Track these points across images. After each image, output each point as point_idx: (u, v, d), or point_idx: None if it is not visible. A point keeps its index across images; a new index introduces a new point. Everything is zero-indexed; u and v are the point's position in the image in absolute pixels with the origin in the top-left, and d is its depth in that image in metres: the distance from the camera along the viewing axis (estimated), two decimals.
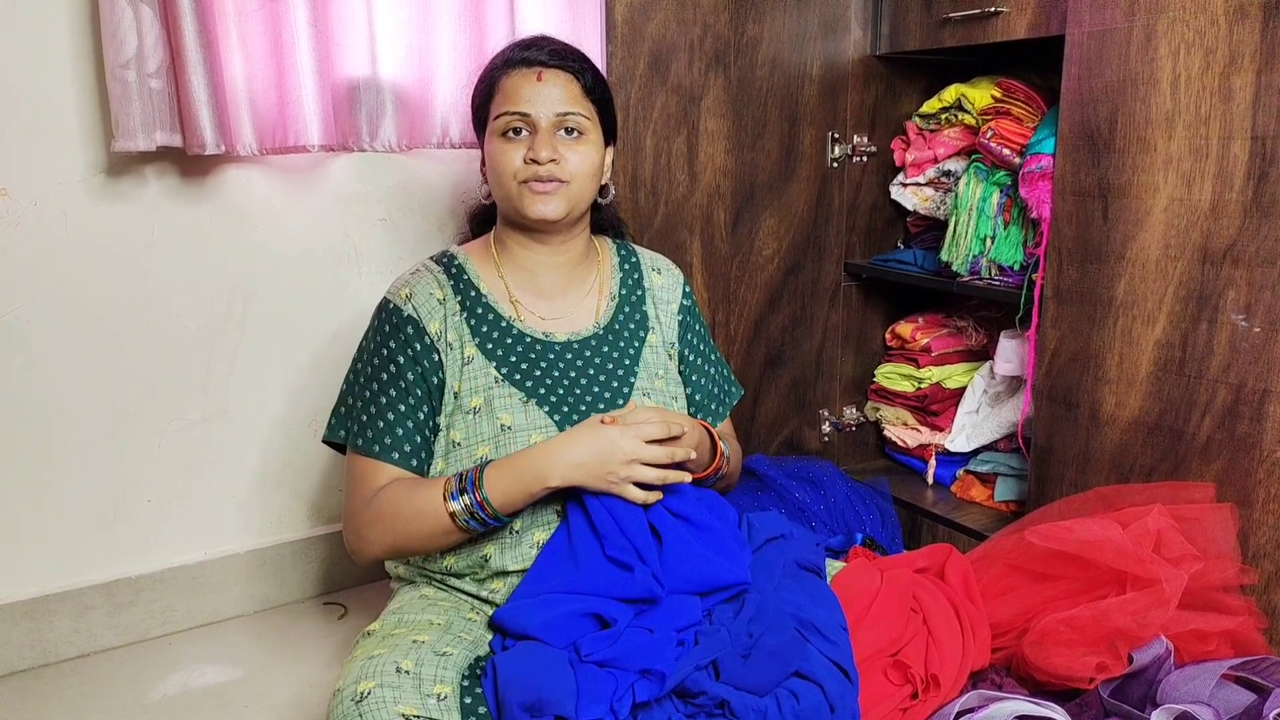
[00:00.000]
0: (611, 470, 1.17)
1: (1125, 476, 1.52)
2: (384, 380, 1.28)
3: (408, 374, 1.27)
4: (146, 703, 1.56)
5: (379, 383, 1.28)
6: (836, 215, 2.00)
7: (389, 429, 1.26)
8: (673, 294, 1.45)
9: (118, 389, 1.67)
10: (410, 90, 1.75)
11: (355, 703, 1.06)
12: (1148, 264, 1.46)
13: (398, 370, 1.27)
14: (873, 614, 1.29)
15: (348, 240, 1.82)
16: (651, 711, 1.08)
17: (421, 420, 1.27)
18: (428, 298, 1.30)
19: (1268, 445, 1.35)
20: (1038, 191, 1.62)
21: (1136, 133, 1.45)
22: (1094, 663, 1.23)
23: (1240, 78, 1.33)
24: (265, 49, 1.61)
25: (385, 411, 1.27)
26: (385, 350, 1.28)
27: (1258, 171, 1.33)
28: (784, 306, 1.98)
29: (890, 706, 1.21)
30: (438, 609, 1.26)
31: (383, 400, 1.27)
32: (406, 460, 1.26)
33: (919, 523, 1.88)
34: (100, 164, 1.59)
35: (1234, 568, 1.32)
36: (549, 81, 1.28)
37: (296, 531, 1.88)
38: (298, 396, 1.83)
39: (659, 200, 1.78)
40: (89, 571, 1.70)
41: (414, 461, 1.27)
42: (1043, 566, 1.36)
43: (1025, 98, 1.73)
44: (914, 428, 2.05)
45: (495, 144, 1.29)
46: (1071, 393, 1.58)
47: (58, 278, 1.59)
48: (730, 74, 1.80)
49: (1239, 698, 1.18)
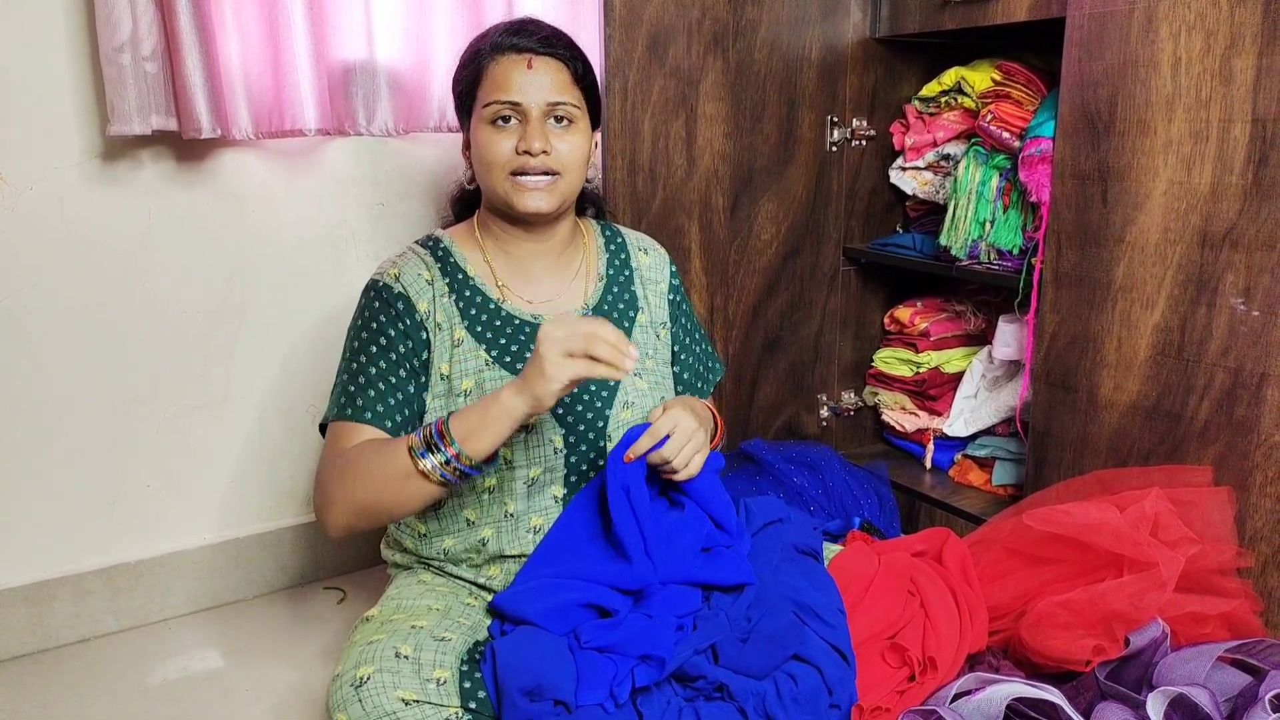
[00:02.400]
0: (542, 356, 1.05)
1: (1123, 460, 1.52)
2: (373, 352, 1.25)
3: (399, 346, 1.25)
4: (146, 687, 1.56)
5: (368, 354, 1.25)
6: (835, 199, 2.00)
7: (379, 397, 1.23)
8: (660, 274, 1.44)
9: (116, 375, 1.66)
10: (407, 74, 1.74)
11: (354, 688, 1.07)
12: (1147, 248, 1.45)
13: (389, 342, 1.25)
14: (870, 597, 1.30)
15: (345, 224, 1.81)
16: (650, 695, 1.09)
17: (413, 393, 1.25)
18: (416, 277, 1.28)
19: (1265, 429, 1.35)
20: (1037, 175, 1.61)
21: (1137, 115, 1.44)
22: (1091, 645, 1.23)
23: (1241, 60, 1.32)
24: (261, 32, 1.60)
25: (375, 381, 1.23)
26: (376, 324, 1.26)
27: (1258, 155, 1.32)
28: (782, 291, 1.97)
29: (888, 689, 1.21)
30: (436, 594, 1.26)
31: (372, 370, 1.24)
32: (380, 421, 1.22)
33: (917, 507, 1.88)
34: (96, 148, 1.58)
35: (1231, 551, 1.33)
36: (540, 69, 1.25)
37: (295, 516, 1.88)
38: (296, 381, 1.83)
39: (657, 185, 1.77)
40: (89, 556, 1.70)
41: (388, 423, 1.22)
42: (1040, 550, 1.37)
43: (1025, 81, 1.72)
44: (912, 412, 2.05)
45: (484, 132, 1.26)
46: (1070, 377, 1.58)
47: (54, 263, 1.58)
48: (729, 57, 1.79)
49: (1235, 680, 1.19)
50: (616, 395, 1.31)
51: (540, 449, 1.26)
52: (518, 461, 1.25)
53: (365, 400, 1.22)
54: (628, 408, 1.31)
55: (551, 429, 1.26)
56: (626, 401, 1.32)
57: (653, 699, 1.08)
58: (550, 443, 1.26)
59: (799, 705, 1.09)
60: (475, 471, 1.13)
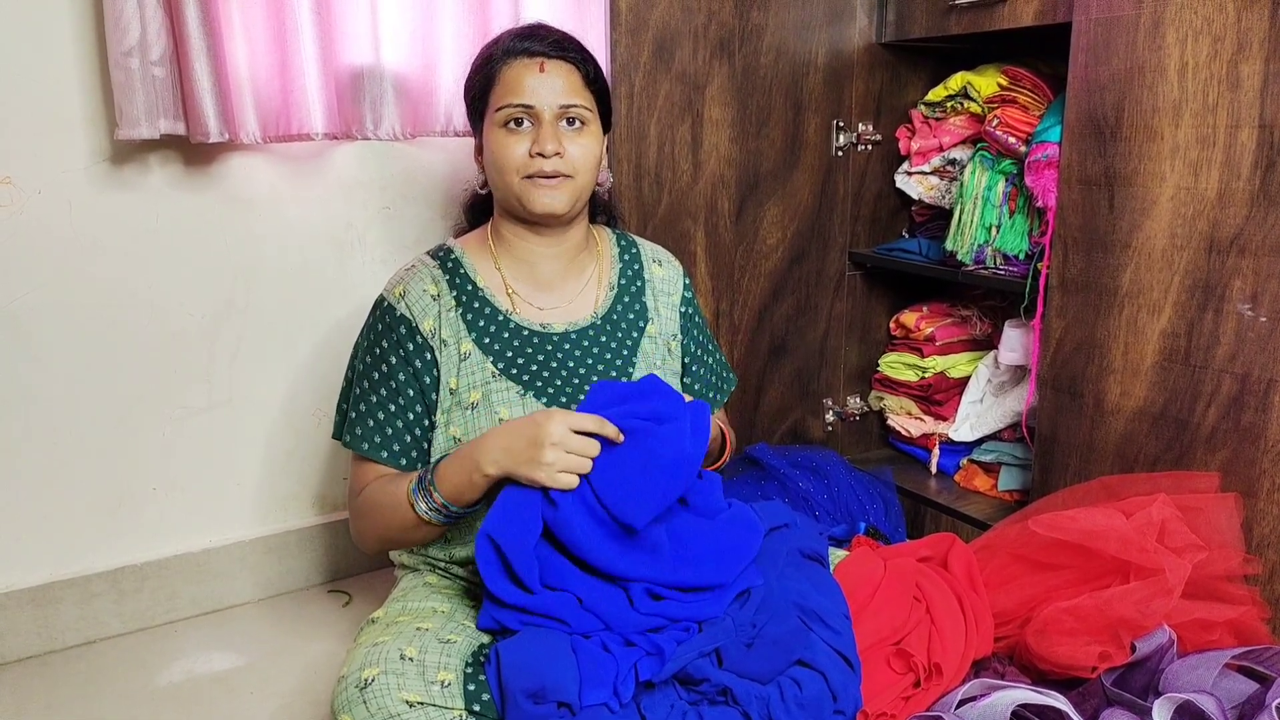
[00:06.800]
0: (537, 453, 1.10)
1: (1129, 466, 1.51)
2: (374, 379, 1.28)
3: (399, 374, 1.27)
4: (152, 689, 1.57)
5: (369, 381, 1.29)
6: (841, 204, 2.00)
7: (378, 428, 1.27)
8: (674, 286, 1.45)
9: (122, 377, 1.67)
10: (414, 78, 1.74)
11: (360, 689, 1.07)
12: (1153, 253, 1.45)
13: (389, 370, 1.28)
14: (875, 603, 1.29)
15: (351, 229, 1.82)
16: (654, 698, 1.08)
17: (411, 420, 1.28)
18: (421, 294, 1.29)
19: (1273, 435, 1.35)
20: (1043, 180, 1.61)
21: (1143, 121, 1.44)
22: (1097, 652, 1.23)
23: (1248, 65, 1.32)
24: (268, 36, 1.61)
25: (375, 410, 1.28)
26: (378, 350, 1.29)
27: (1265, 160, 1.32)
28: (788, 296, 1.97)
29: (893, 695, 1.21)
30: (441, 596, 1.27)
31: (373, 399, 1.28)
32: (395, 459, 1.27)
33: (922, 512, 1.88)
34: (104, 152, 1.59)
35: (1238, 557, 1.32)
36: (552, 72, 1.26)
37: (301, 519, 1.88)
38: (302, 384, 1.83)
39: (663, 189, 1.77)
40: (95, 558, 1.70)
41: (403, 461, 1.28)
42: (1046, 556, 1.36)
43: (1031, 86, 1.72)
44: (918, 417, 2.05)
45: (497, 136, 1.27)
46: (1076, 382, 1.58)
47: (62, 266, 1.59)
48: (735, 62, 1.80)
49: (1242, 687, 1.18)
50: None
51: None
52: None
53: (364, 430, 1.28)
54: None
55: None
56: None
57: (656, 702, 1.08)
58: None
59: (803, 710, 1.08)
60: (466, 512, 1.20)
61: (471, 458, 1.15)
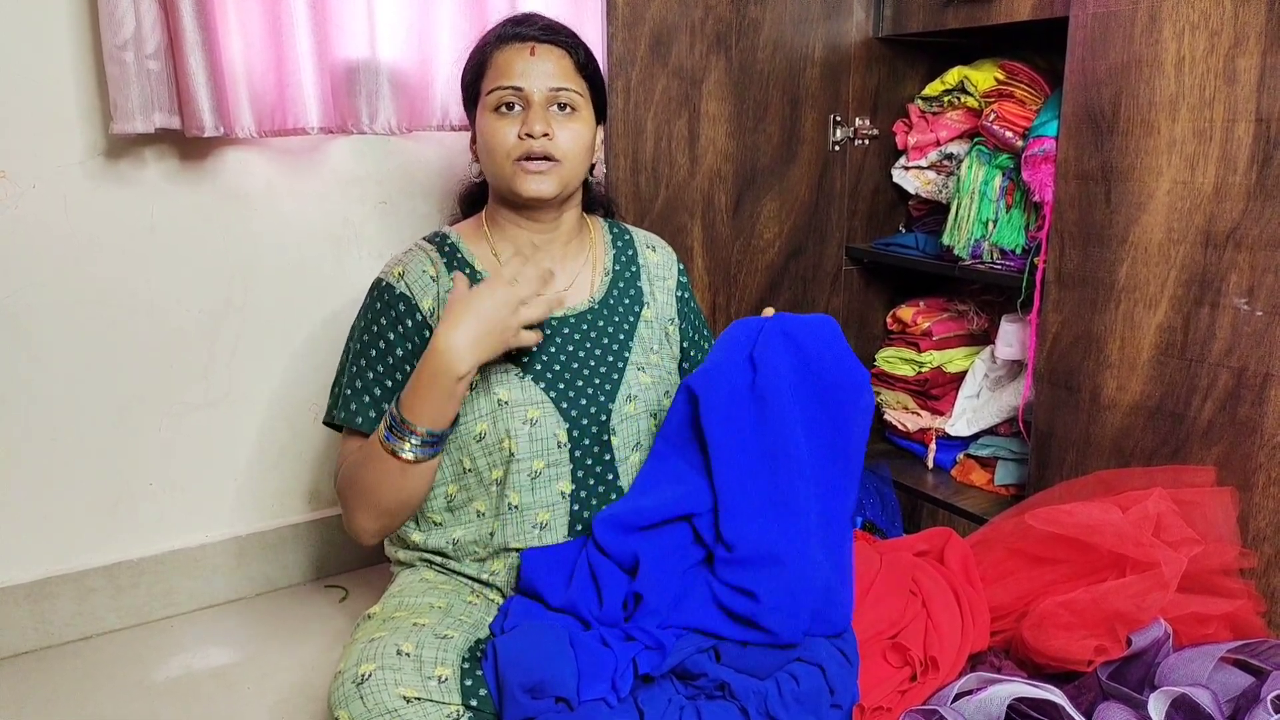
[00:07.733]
0: (506, 327, 1.17)
1: (1126, 460, 1.52)
2: (371, 356, 1.28)
3: (396, 350, 1.27)
4: (149, 684, 1.56)
5: (366, 358, 1.28)
6: (838, 199, 2.00)
7: (373, 403, 1.26)
8: (668, 271, 1.45)
9: (118, 373, 1.67)
10: (409, 72, 1.74)
11: (356, 685, 1.07)
12: (1150, 248, 1.45)
13: (386, 346, 1.27)
14: (872, 597, 1.30)
15: (348, 223, 1.81)
16: (652, 693, 1.09)
17: None
18: (420, 274, 1.30)
19: (1269, 429, 1.35)
20: (1040, 175, 1.61)
21: (1140, 115, 1.44)
22: (1093, 645, 1.23)
23: (1245, 59, 1.32)
24: (263, 30, 1.60)
25: (372, 386, 1.27)
26: (376, 326, 1.28)
27: (1262, 154, 1.32)
28: (785, 290, 1.97)
29: (889, 688, 1.21)
30: (438, 592, 1.27)
31: (369, 375, 1.27)
32: (371, 427, 1.26)
33: (919, 506, 1.88)
34: (99, 146, 1.59)
35: (1234, 551, 1.33)
36: (542, 56, 1.27)
37: (298, 514, 1.88)
38: (298, 380, 1.83)
39: (660, 184, 1.77)
40: (91, 554, 1.70)
41: None
42: (1042, 550, 1.37)
43: (1028, 80, 1.72)
44: (914, 411, 2.05)
45: (488, 120, 1.28)
46: (1073, 377, 1.58)
47: (57, 261, 1.59)
48: (732, 56, 1.79)
49: (1237, 680, 1.19)
50: (620, 388, 1.32)
51: (544, 442, 1.26)
52: (521, 454, 1.25)
53: (359, 405, 1.26)
54: (631, 400, 1.32)
55: (555, 423, 1.27)
56: (630, 395, 1.33)
57: (654, 697, 1.08)
58: (554, 436, 1.27)
59: (801, 705, 1.09)
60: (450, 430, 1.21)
61: (436, 373, 1.15)
